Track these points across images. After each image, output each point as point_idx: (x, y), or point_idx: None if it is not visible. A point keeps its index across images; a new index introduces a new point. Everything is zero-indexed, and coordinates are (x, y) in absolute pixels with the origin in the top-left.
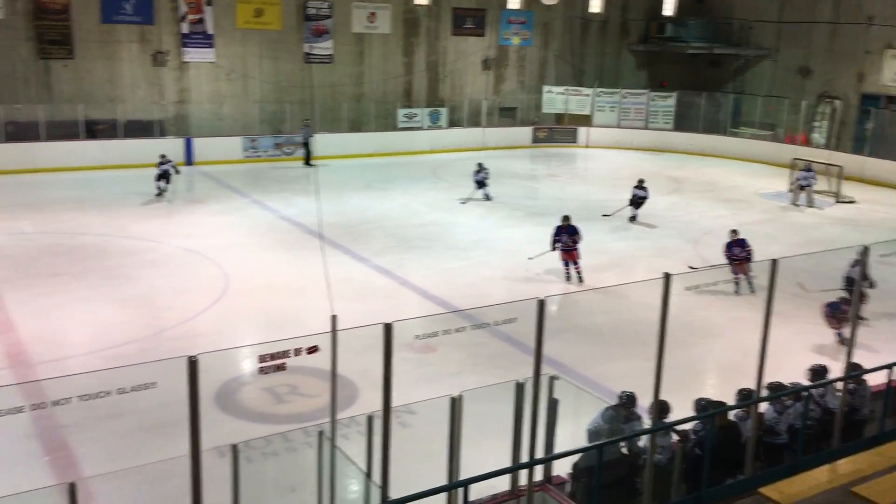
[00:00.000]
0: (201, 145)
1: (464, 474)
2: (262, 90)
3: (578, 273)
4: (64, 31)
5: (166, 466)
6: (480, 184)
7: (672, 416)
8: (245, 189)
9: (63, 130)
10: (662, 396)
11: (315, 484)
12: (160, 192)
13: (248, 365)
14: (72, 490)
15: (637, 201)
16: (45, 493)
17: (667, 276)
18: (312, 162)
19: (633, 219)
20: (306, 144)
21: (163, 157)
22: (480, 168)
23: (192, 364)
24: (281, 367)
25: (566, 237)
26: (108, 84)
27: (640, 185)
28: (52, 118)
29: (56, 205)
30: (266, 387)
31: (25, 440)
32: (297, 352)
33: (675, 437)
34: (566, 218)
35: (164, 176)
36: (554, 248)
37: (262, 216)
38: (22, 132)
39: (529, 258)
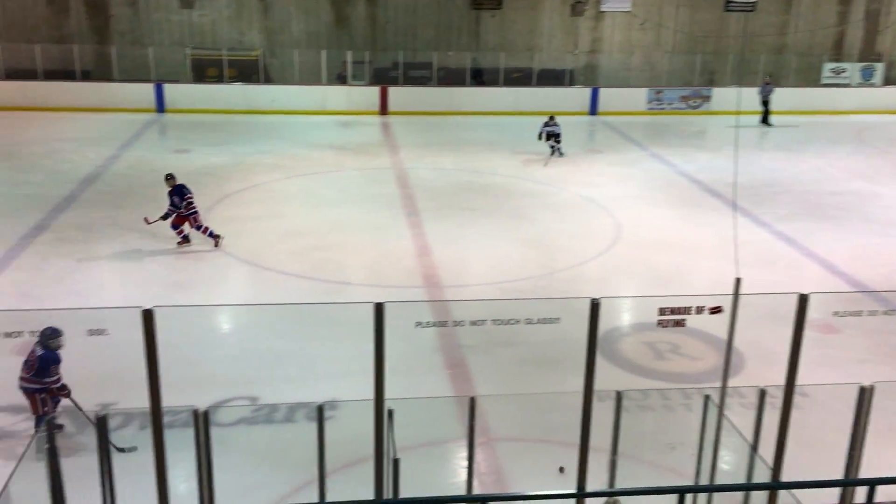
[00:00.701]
0: (606, 95)
1: (864, 473)
2: (675, 40)
3: None
4: None
5: (552, 399)
6: None
7: None
8: (645, 141)
9: (485, 77)
10: None
11: (695, 447)
12: (552, 152)
13: (630, 316)
14: (472, 403)
15: None
16: (448, 401)
17: None
18: (771, 121)
19: None
20: (766, 102)
21: (551, 118)
22: None
23: (595, 306)
24: (680, 324)
25: None
26: (528, 33)
27: None
28: (476, 65)
29: (473, 145)
30: (647, 341)
31: (432, 352)
32: (700, 310)
33: None
34: None
35: (551, 136)
36: None
37: (659, 170)
38: (451, 77)
39: None
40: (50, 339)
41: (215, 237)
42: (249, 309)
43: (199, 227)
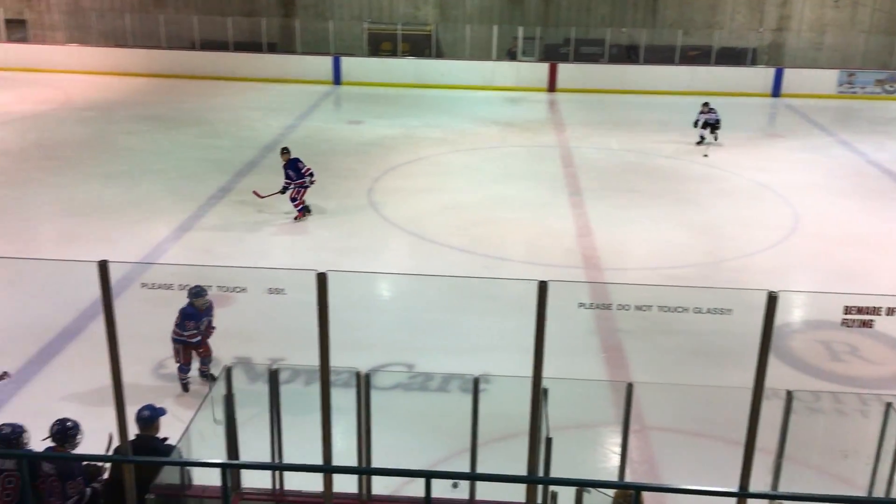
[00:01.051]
0: (791, 76)
1: None
2: (873, 19)
3: None
4: None
5: (712, 392)
6: None
7: None
8: (832, 127)
9: (660, 55)
10: None
11: (871, 457)
12: (700, 141)
13: (804, 312)
14: (629, 389)
15: None
16: (603, 385)
17: None
18: None
19: None
20: None
21: (706, 104)
22: None
23: (772, 299)
24: (868, 324)
25: None
26: (710, 10)
27: None
28: (651, 42)
29: (642, 125)
30: (822, 340)
31: (589, 335)
32: (892, 311)
33: None
34: None
35: (707, 125)
36: None
37: (846, 158)
38: (623, 55)
39: None
40: (194, 297)
41: (301, 213)
42: (410, 278)
43: (294, 200)
